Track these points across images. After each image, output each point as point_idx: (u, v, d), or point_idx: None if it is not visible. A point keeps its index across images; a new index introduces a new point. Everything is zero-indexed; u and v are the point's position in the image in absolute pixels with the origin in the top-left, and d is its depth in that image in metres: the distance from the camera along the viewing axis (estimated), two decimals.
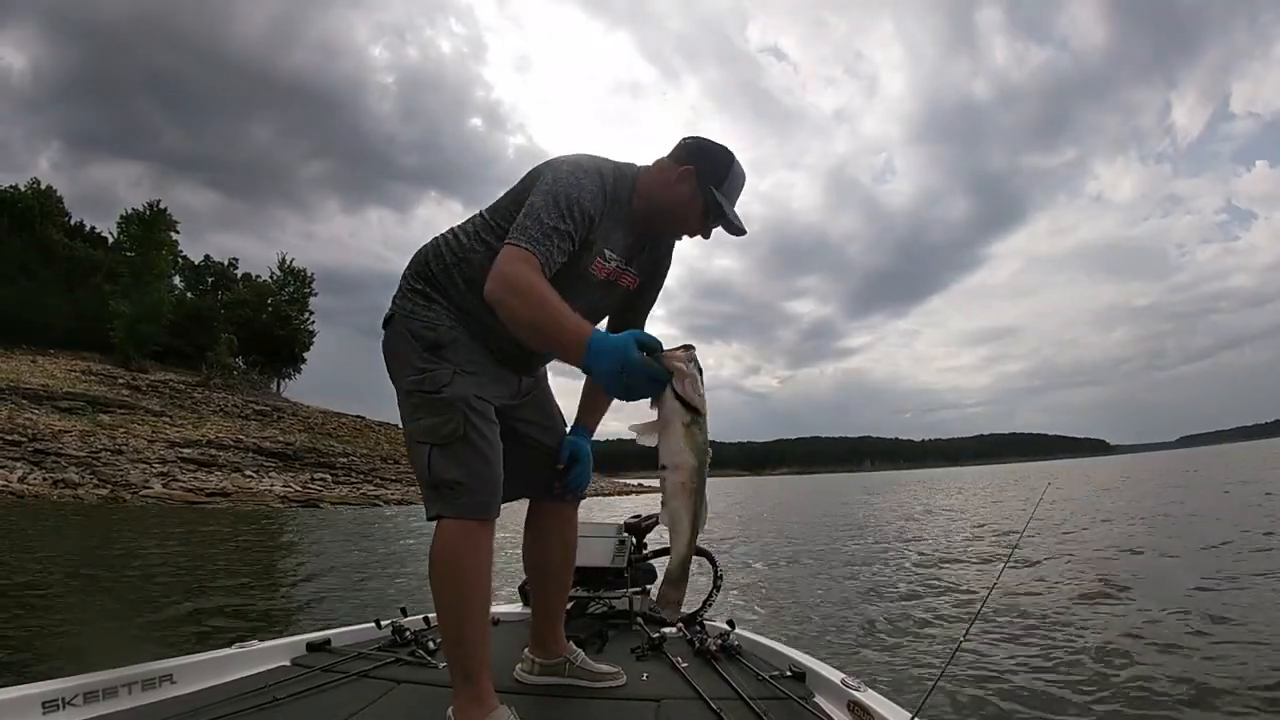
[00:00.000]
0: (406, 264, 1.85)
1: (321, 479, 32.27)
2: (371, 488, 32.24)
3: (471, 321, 1.74)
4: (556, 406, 2.10)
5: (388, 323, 1.79)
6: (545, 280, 1.52)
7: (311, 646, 2.30)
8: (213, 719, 1.64)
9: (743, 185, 1.82)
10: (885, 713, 1.59)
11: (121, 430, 32.05)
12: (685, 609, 2.90)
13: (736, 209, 1.81)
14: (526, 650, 2.05)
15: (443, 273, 1.77)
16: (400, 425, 1.76)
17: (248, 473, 29.82)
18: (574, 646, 2.06)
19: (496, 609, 2.81)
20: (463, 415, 1.64)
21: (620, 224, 1.78)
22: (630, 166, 1.83)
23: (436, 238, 1.85)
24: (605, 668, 2.03)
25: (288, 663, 2.17)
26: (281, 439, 39.88)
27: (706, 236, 1.83)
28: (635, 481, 78.13)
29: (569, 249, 1.63)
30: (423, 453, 1.63)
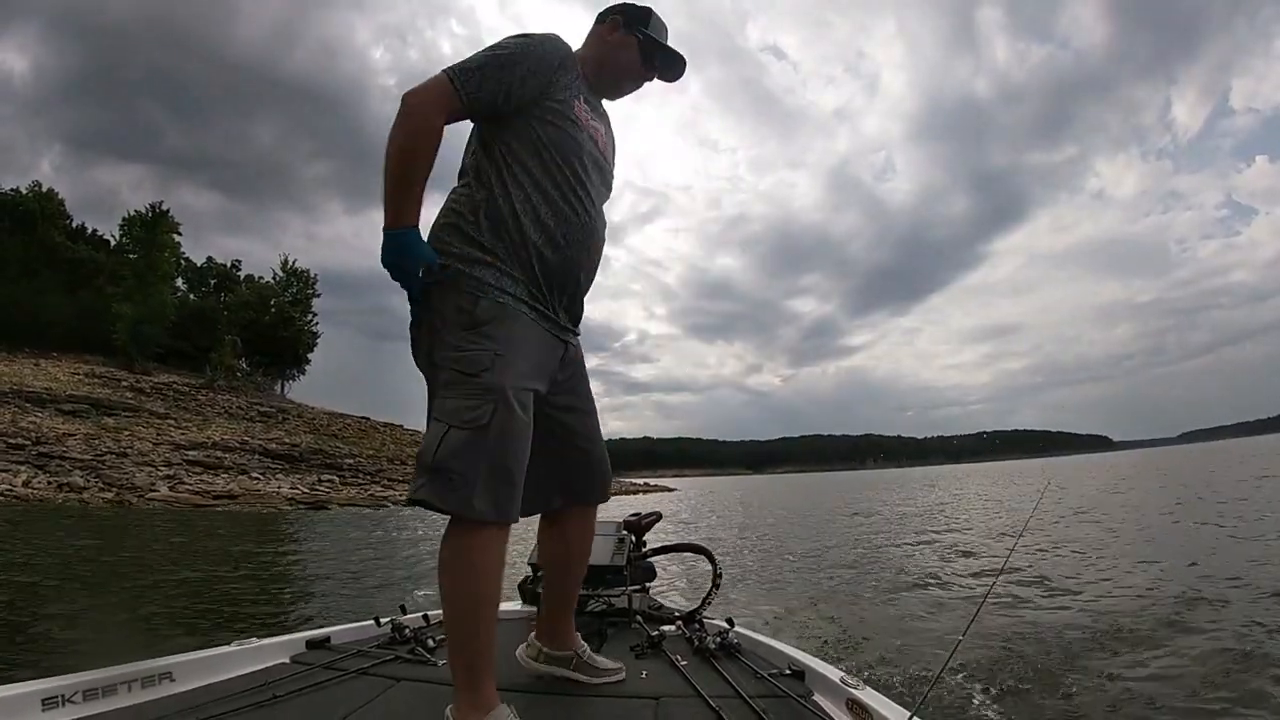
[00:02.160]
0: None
1: (329, 480, 32.27)
2: (379, 489, 32.19)
3: (514, 261, 1.67)
4: (592, 396, 2.00)
5: (422, 296, 1.67)
6: (440, 115, 1.59)
7: (311, 644, 2.30)
8: (212, 716, 1.64)
9: (667, 33, 1.98)
10: (884, 711, 1.58)
11: (126, 433, 32.09)
12: (684, 606, 2.92)
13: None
14: (533, 636, 2.01)
15: (471, 216, 1.70)
16: (415, 423, 1.74)
17: (254, 475, 29.84)
18: (581, 641, 2.02)
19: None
20: (493, 405, 1.54)
21: (581, 85, 1.83)
22: None
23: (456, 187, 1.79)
24: (608, 663, 2.01)
25: (287, 660, 2.17)
26: (287, 440, 39.91)
27: (652, 76, 1.98)
28: (641, 481, 78.28)
29: (515, 86, 1.67)
30: (437, 432, 1.54)
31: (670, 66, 1.98)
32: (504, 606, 2.95)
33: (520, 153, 1.71)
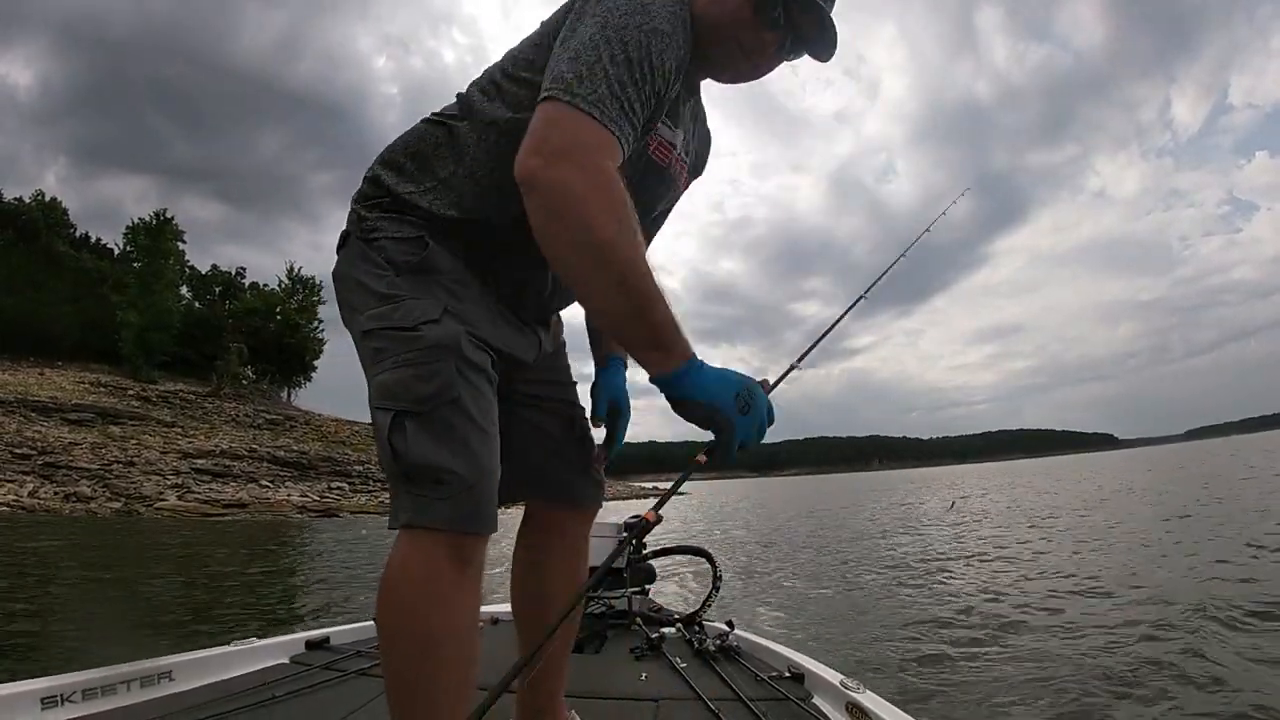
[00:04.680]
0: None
1: (338, 488, 32.28)
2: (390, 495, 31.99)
3: (469, 240, 1.16)
4: (568, 364, 1.50)
5: (344, 242, 1.22)
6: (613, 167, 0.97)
7: (310, 644, 2.30)
8: (211, 716, 1.64)
9: None
10: (884, 714, 1.58)
11: (133, 442, 32.17)
12: (684, 609, 2.91)
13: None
14: None
15: (426, 165, 1.18)
16: None
17: (263, 483, 29.85)
18: (575, 718, 1.53)
19: (494, 609, 2.80)
20: (453, 367, 1.06)
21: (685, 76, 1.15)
22: None
23: (428, 118, 1.23)
24: None
25: (286, 660, 2.17)
26: (295, 448, 39.95)
27: (774, 38, 1.18)
28: (650, 484, 78.07)
29: (635, 132, 1.03)
30: (384, 423, 1.05)
31: (803, 24, 1.17)
32: (504, 608, 2.95)
33: None
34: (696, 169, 1.41)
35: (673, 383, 1.00)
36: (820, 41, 1.18)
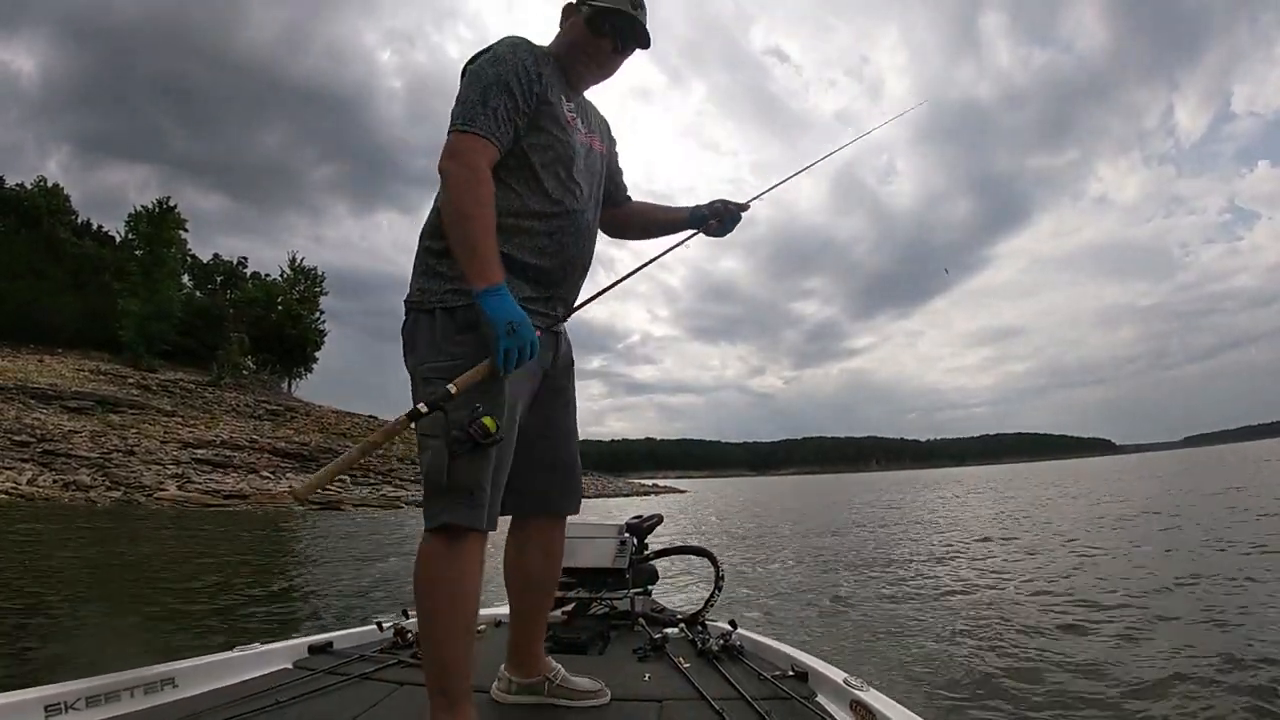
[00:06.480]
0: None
1: (340, 480, 32.09)
2: (390, 489, 31.79)
3: (506, 263, 1.58)
4: (575, 404, 1.95)
5: (411, 307, 1.67)
6: (486, 170, 1.55)
7: (313, 649, 2.31)
8: None
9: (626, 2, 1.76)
10: (888, 712, 1.58)
11: (133, 430, 32.01)
12: (688, 608, 2.92)
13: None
14: (503, 668, 1.91)
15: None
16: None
17: (264, 474, 29.70)
18: (553, 663, 1.90)
19: (496, 610, 2.82)
20: (504, 414, 1.54)
21: (560, 81, 1.76)
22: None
23: None
24: (587, 685, 1.88)
25: (289, 665, 2.18)
26: (296, 439, 39.79)
27: (609, 44, 1.78)
28: (650, 482, 77.99)
29: (518, 115, 1.61)
30: (443, 449, 1.47)
31: (621, 27, 1.77)
32: (506, 610, 2.96)
33: (504, 164, 1.64)
34: (611, 139, 1.99)
35: (479, 293, 1.48)
36: (635, 38, 1.79)
